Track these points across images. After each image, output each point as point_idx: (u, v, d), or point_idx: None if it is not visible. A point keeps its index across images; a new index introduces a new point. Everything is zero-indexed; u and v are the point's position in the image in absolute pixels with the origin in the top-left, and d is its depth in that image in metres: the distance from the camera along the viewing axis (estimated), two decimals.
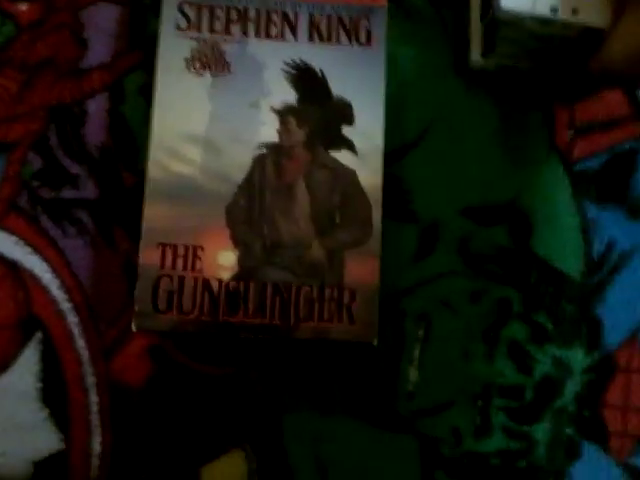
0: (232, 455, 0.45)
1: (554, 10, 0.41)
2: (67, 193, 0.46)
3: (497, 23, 0.42)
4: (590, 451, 0.46)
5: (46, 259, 0.46)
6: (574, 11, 0.40)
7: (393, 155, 0.47)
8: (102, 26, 0.48)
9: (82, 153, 0.47)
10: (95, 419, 0.44)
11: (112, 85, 0.48)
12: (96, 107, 0.47)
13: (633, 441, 0.46)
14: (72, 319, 0.45)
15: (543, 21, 0.41)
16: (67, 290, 0.46)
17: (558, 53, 0.44)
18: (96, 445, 0.44)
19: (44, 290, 0.45)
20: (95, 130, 0.47)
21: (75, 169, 0.47)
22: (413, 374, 0.46)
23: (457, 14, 0.48)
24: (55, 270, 0.46)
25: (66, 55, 0.48)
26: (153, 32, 0.46)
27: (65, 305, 0.45)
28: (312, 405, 0.45)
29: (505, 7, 0.41)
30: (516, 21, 0.42)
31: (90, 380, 0.45)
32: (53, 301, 0.45)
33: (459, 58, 0.48)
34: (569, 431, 0.46)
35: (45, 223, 0.46)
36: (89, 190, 0.47)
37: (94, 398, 0.45)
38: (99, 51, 0.48)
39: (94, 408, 0.45)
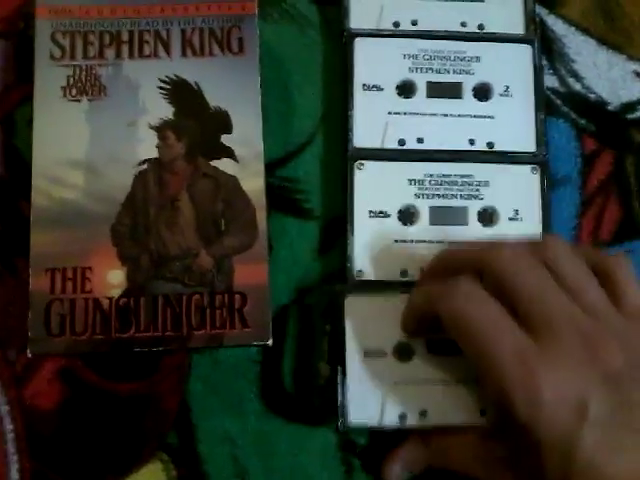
0: (150, 466, 0.45)
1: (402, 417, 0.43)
2: None
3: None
4: None
5: None
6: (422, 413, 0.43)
7: (287, 157, 0.48)
8: None
9: None
10: (11, 447, 0.45)
11: (3, 118, 0.48)
12: None
13: None
14: None
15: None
16: None
17: None
18: (14, 473, 0.45)
19: None
20: None
21: None
22: (324, 368, 0.46)
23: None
24: None
25: None
26: None
27: None
28: (224, 407, 0.46)
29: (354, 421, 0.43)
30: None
31: (3, 409, 0.45)
32: None
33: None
34: None
35: None
36: None
37: (9, 426, 0.45)
38: None
39: (9, 436, 0.45)
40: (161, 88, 0.46)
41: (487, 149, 0.47)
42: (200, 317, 0.43)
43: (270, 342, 0.43)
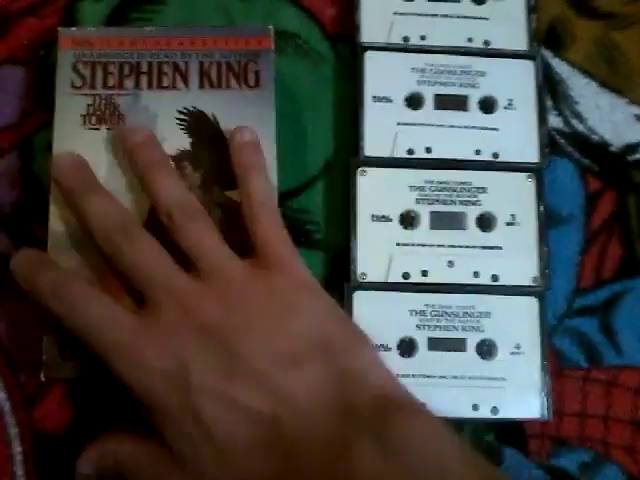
0: None
1: None
2: None
3: None
4: (511, 456, 0.47)
5: None
6: None
7: (299, 189, 0.49)
8: (8, 88, 0.50)
9: None
10: (20, 469, 0.45)
11: (21, 144, 0.49)
12: (6, 167, 0.49)
13: (551, 442, 0.48)
14: None
15: None
16: None
17: None
18: None
19: None
20: (7, 189, 0.49)
21: None
22: None
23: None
24: None
25: None
26: None
27: None
28: None
29: None
30: None
31: (13, 431, 0.46)
32: None
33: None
34: (488, 438, 0.47)
35: None
36: (3, 245, 0.48)
37: (17, 449, 0.45)
38: (6, 113, 0.50)
39: (18, 458, 0.45)
40: (179, 119, 0.47)
41: (492, 159, 0.49)
42: None
43: None
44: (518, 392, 0.46)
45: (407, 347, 0.46)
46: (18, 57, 0.50)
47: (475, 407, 0.45)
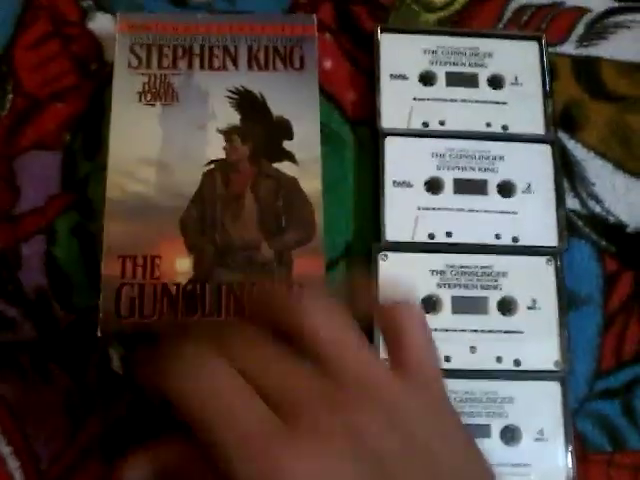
0: None
1: None
2: (5, 337, 0.48)
3: None
4: None
5: None
6: None
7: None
8: (34, 172, 0.51)
9: (18, 296, 0.48)
10: None
11: (46, 228, 0.50)
12: (31, 250, 0.49)
13: None
14: (13, 464, 0.46)
15: None
16: (7, 434, 0.46)
17: None
18: None
19: None
20: (31, 273, 0.49)
21: (12, 312, 0.48)
22: None
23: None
24: None
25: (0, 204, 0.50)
26: (84, 174, 0.51)
27: (5, 450, 0.46)
28: None
29: None
30: None
31: None
32: None
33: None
34: None
35: None
36: (26, 332, 0.48)
37: None
38: (32, 196, 0.51)
39: None
40: (229, 97, 0.50)
41: (512, 243, 0.49)
42: None
43: None
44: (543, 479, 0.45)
45: None
46: (45, 142, 0.52)
47: None
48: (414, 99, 0.52)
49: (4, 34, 0.53)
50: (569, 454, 0.46)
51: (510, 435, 0.46)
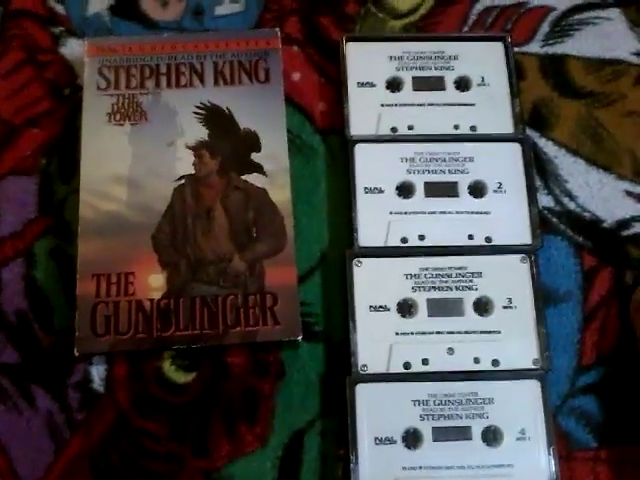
0: None
1: None
2: None
3: None
4: None
5: None
6: None
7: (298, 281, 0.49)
8: (12, 197, 0.52)
9: None
10: None
11: (24, 251, 0.50)
12: (10, 274, 0.50)
13: None
14: None
15: None
16: None
17: None
18: None
19: None
20: (11, 296, 0.49)
21: None
22: None
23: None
24: None
25: None
26: (61, 197, 0.51)
27: None
28: None
29: None
30: None
31: None
32: None
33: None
34: None
35: None
36: (8, 355, 0.48)
37: None
38: (10, 221, 0.51)
39: None
40: (196, 113, 0.50)
41: (485, 243, 0.49)
42: (235, 316, 0.46)
43: (300, 337, 0.46)
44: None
45: (412, 439, 0.45)
46: (22, 167, 0.52)
47: None
48: (382, 105, 0.52)
49: None
50: (552, 453, 0.45)
51: (491, 436, 0.46)
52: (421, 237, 0.49)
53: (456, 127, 0.51)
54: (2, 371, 0.47)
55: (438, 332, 0.47)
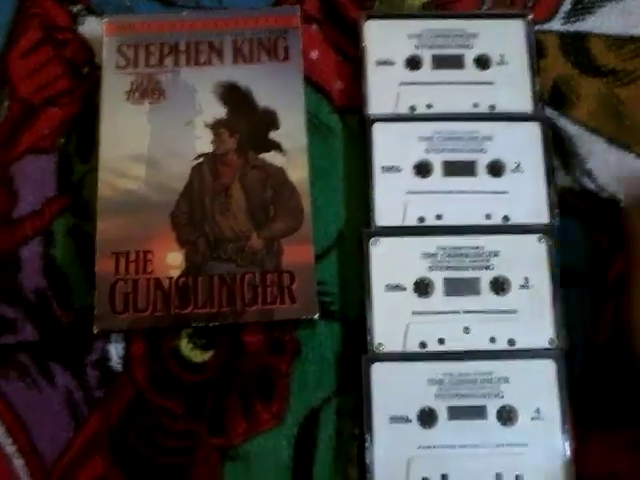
0: None
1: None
2: (6, 338, 0.48)
3: None
4: None
5: None
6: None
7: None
8: (31, 176, 0.52)
9: (18, 298, 0.49)
10: None
11: (43, 230, 0.50)
12: (29, 253, 0.50)
13: None
14: (18, 462, 0.46)
15: None
16: (11, 434, 0.46)
17: None
18: None
19: None
20: (30, 274, 0.50)
21: (13, 314, 0.48)
22: (352, 472, 0.46)
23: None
24: None
25: None
26: (80, 176, 0.51)
27: (10, 449, 0.46)
28: None
29: None
30: None
31: None
32: None
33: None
34: None
35: None
36: (27, 333, 0.48)
37: None
38: (29, 200, 0.51)
39: None
40: (215, 91, 0.50)
41: (503, 222, 0.49)
42: (252, 294, 0.46)
43: (317, 316, 0.46)
44: (540, 459, 0.45)
45: (427, 417, 0.45)
46: (40, 146, 0.52)
47: (499, 477, 0.44)
48: (401, 84, 0.52)
49: None
50: (566, 432, 0.45)
51: (506, 415, 0.46)
52: (438, 216, 0.49)
53: (475, 106, 0.51)
54: (22, 349, 0.48)
55: (454, 311, 0.47)
